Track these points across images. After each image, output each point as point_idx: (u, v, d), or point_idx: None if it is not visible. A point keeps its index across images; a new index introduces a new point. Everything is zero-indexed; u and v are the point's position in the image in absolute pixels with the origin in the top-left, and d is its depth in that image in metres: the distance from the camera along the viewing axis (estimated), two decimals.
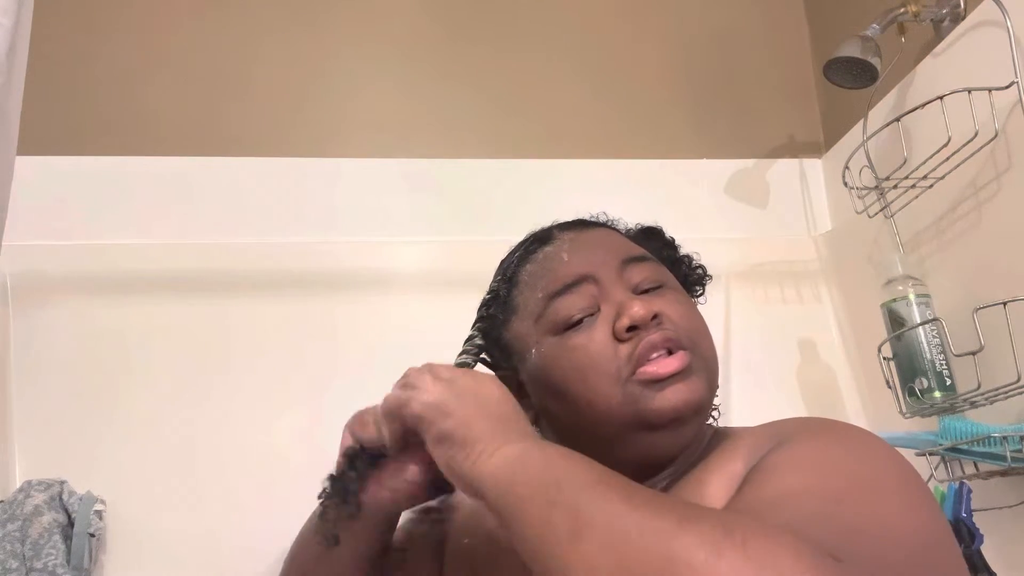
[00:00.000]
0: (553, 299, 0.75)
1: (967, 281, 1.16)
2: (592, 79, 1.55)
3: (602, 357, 0.72)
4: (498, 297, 0.81)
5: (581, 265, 0.76)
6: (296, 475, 1.22)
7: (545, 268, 0.78)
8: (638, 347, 0.71)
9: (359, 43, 1.50)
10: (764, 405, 1.32)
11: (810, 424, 0.70)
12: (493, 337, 0.81)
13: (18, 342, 1.22)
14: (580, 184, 1.45)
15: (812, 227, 1.53)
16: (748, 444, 0.68)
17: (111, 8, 1.44)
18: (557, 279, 0.76)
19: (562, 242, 0.80)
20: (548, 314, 0.75)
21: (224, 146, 1.40)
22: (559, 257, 0.78)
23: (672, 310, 0.74)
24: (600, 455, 0.75)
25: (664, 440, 0.73)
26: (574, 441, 0.76)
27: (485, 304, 0.83)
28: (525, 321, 0.78)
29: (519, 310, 0.79)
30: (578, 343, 0.73)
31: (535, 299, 0.77)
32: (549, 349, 0.75)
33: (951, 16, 1.23)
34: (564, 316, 0.74)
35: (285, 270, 1.33)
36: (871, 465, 0.61)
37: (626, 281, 0.76)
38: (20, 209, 0.91)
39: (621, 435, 0.72)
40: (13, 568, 1.06)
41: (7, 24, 0.74)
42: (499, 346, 0.81)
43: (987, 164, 1.12)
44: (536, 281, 0.78)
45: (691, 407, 0.71)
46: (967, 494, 0.98)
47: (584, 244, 0.79)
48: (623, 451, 0.74)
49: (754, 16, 1.64)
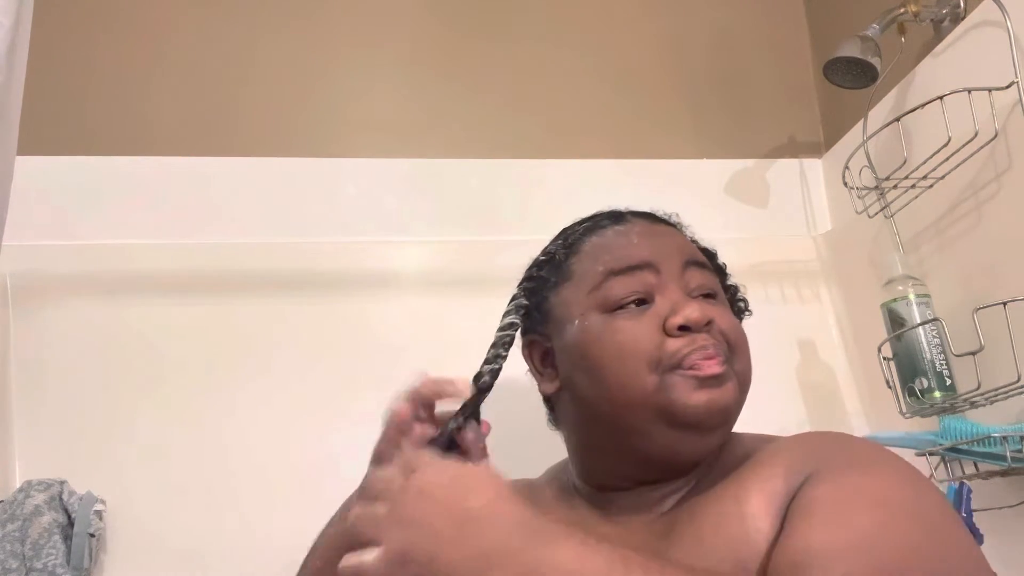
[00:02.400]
0: (612, 276, 0.76)
1: (967, 281, 1.16)
2: (592, 79, 1.55)
3: (647, 345, 0.72)
4: (554, 260, 0.81)
5: (648, 252, 0.77)
6: (296, 474, 1.23)
7: (612, 244, 0.79)
8: (688, 347, 0.72)
9: (360, 44, 1.50)
10: (764, 405, 1.31)
11: (843, 445, 0.71)
12: (538, 298, 0.80)
13: (18, 342, 1.22)
14: (580, 184, 1.45)
15: (812, 227, 1.53)
16: (784, 462, 0.67)
17: (111, 8, 1.44)
18: (622, 258, 0.77)
19: (633, 225, 0.81)
20: (603, 289, 0.76)
21: (224, 146, 1.40)
22: (628, 238, 0.79)
23: (723, 320, 0.76)
24: (619, 443, 0.76)
25: (686, 441, 0.73)
26: (595, 421, 0.77)
27: (537, 265, 0.83)
28: (577, 290, 0.78)
29: (573, 277, 0.79)
30: (625, 326, 0.74)
31: (594, 271, 0.77)
32: (594, 324, 0.75)
33: (951, 16, 1.23)
34: (618, 295, 0.75)
35: (285, 270, 1.33)
36: (926, 498, 0.63)
37: (685, 282, 0.77)
38: (20, 209, 0.91)
39: (645, 427, 0.73)
40: (13, 568, 1.06)
41: (7, 24, 0.74)
42: (541, 309, 0.80)
43: (987, 164, 1.12)
44: (599, 254, 0.78)
45: (720, 411, 0.72)
46: (967, 494, 0.98)
47: (654, 234, 0.80)
48: (644, 444, 0.74)
49: (754, 16, 1.64)
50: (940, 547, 0.58)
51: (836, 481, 0.63)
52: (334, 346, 1.30)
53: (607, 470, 0.79)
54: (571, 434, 0.83)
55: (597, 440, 0.79)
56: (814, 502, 0.62)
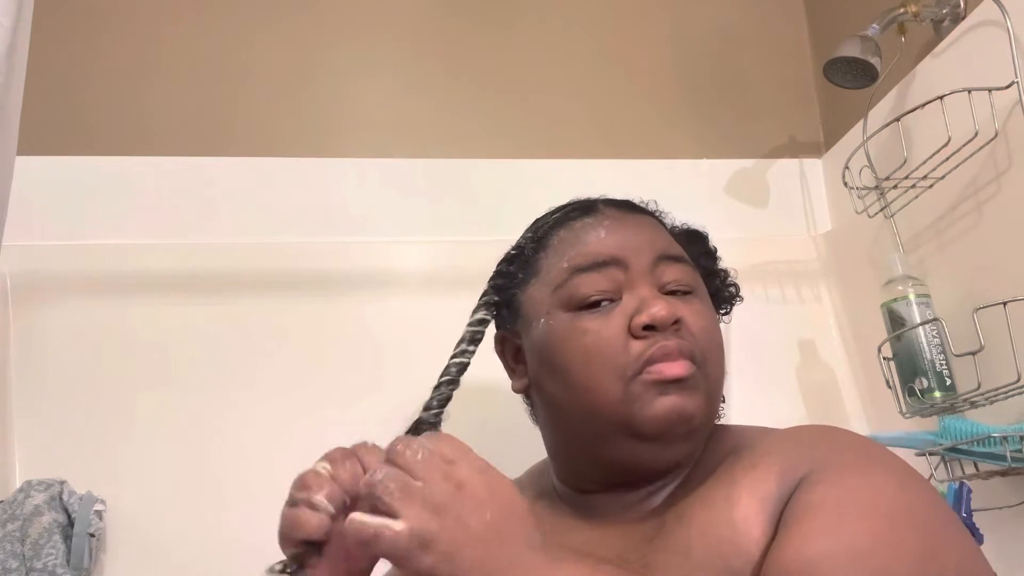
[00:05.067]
0: (576, 273, 0.72)
1: (967, 281, 1.16)
2: (592, 79, 1.55)
3: (612, 348, 0.68)
4: (522, 255, 0.78)
5: (616, 247, 0.73)
6: (295, 474, 1.23)
7: (578, 239, 0.74)
8: (651, 349, 0.68)
9: (360, 44, 1.50)
10: (764, 405, 1.32)
11: (837, 442, 0.67)
12: (507, 295, 0.76)
13: (18, 342, 1.22)
14: (580, 184, 1.43)
15: (812, 227, 1.52)
16: (778, 463, 0.64)
17: (111, 8, 1.44)
18: (587, 254, 0.73)
19: (603, 217, 0.76)
20: (567, 287, 0.72)
21: (224, 146, 1.40)
22: (596, 232, 0.74)
23: (693, 320, 0.71)
24: (586, 447, 0.73)
25: (650, 452, 0.70)
26: (563, 422, 0.75)
27: (507, 260, 0.79)
28: (543, 287, 0.74)
29: (540, 274, 0.75)
30: (590, 326, 0.70)
31: (559, 268, 0.73)
32: (559, 323, 0.72)
33: (951, 16, 1.23)
34: (583, 294, 0.71)
35: (284, 270, 1.33)
36: (923, 501, 0.61)
37: (656, 277, 0.72)
38: (20, 209, 0.91)
39: (608, 435, 0.70)
40: (13, 568, 1.06)
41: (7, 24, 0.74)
42: (510, 306, 0.77)
43: (987, 164, 1.12)
44: (565, 249, 0.74)
45: (684, 420, 0.68)
46: (967, 494, 0.98)
47: (625, 226, 0.75)
48: (608, 452, 0.71)
49: (754, 16, 1.64)
50: (939, 556, 0.57)
51: (832, 485, 0.60)
52: (334, 346, 1.30)
53: (580, 472, 0.76)
54: (544, 432, 0.80)
55: (566, 441, 0.76)
56: (809, 507, 0.59)
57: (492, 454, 0.61)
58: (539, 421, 0.80)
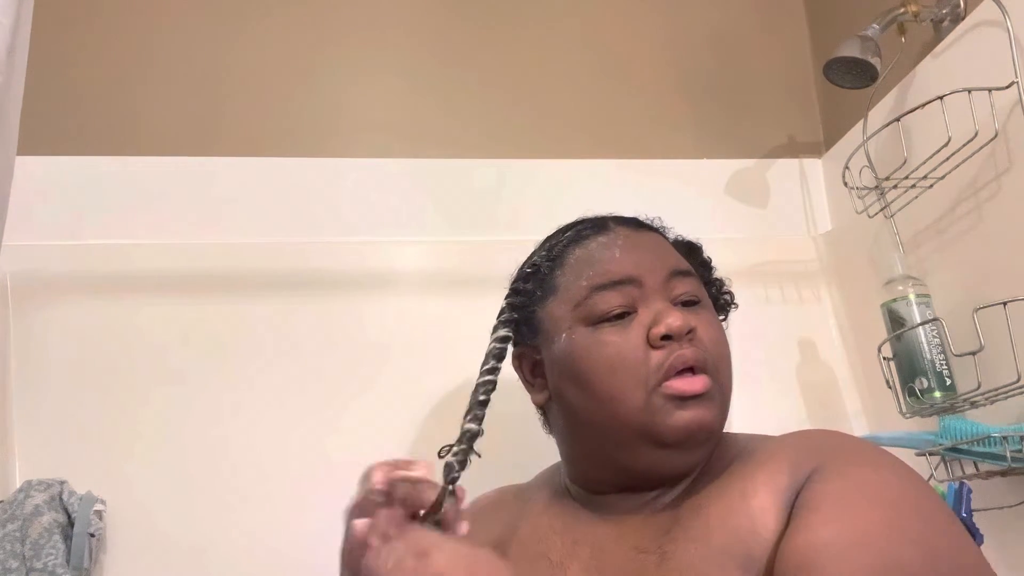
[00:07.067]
0: (596, 291, 0.76)
1: (967, 281, 1.16)
2: (592, 79, 1.55)
3: (634, 358, 0.73)
4: (539, 272, 0.82)
5: (631, 266, 0.78)
6: (297, 474, 1.23)
7: (595, 258, 0.79)
8: (670, 358, 0.73)
9: (360, 44, 1.50)
10: (764, 405, 1.32)
11: (845, 442, 0.71)
12: (526, 312, 0.81)
13: (18, 342, 1.22)
14: (580, 184, 1.45)
15: (812, 227, 1.52)
16: (790, 458, 0.69)
17: (110, 8, 1.44)
18: (605, 273, 0.77)
19: (616, 236, 0.81)
20: (587, 304, 0.76)
21: (224, 146, 1.40)
22: (611, 251, 0.79)
23: (705, 330, 0.76)
24: (607, 454, 0.76)
25: (670, 459, 0.74)
26: (584, 431, 0.78)
27: (522, 277, 0.83)
28: (562, 304, 0.79)
29: (558, 291, 0.79)
30: (611, 339, 0.75)
31: (578, 286, 0.78)
32: (581, 338, 0.76)
33: (951, 16, 1.23)
34: (603, 309, 0.76)
35: (285, 270, 1.33)
36: (928, 497, 0.64)
37: (668, 291, 0.77)
38: (20, 209, 0.91)
39: (630, 443, 0.74)
40: (13, 568, 1.06)
41: (7, 24, 0.74)
42: (529, 322, 0.81)
43: (987, 164, 1.12)
44: (583, 268, 0.79)
45: (704, 430, 0.73)
46: (967, 494, 0.98)
47: (637, 245, 0.80)
48: (629, 458, 0.75)
49: (754, 16, 1.64)
50: (946, 545, 0.59)
51: (842, 476, 0.64)
52: (334, 345, 1.30)
53: (597, 477, 0.80)
54: (562, 441, 0.84)
55: (586, 449, 0.80)
56: (821, 497, 0.63)
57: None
58: (557, 431, 0.84)
